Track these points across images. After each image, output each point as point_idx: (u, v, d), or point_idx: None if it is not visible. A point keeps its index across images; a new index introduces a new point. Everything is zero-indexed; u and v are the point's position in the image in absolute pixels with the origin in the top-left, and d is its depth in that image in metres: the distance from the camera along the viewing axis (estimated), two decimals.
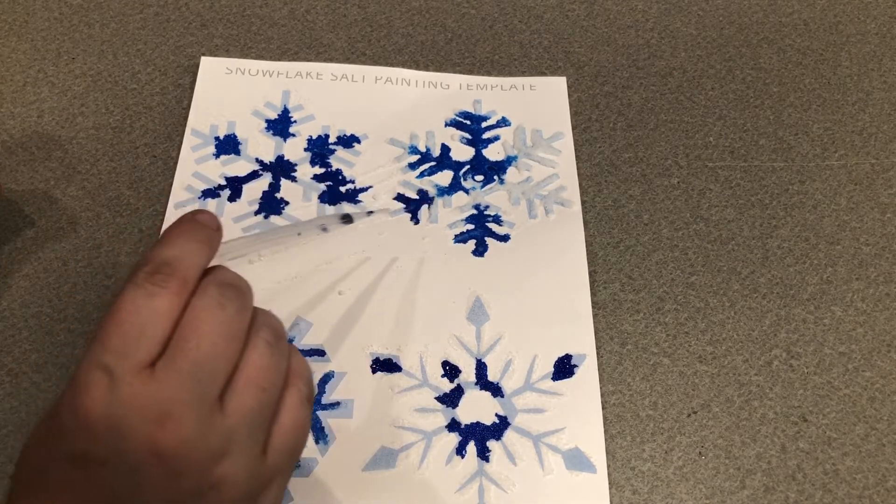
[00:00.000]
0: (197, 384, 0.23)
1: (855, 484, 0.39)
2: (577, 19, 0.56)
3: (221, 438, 0.24)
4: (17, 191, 0.46)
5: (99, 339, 0.23)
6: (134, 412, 0.23)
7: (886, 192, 0.49)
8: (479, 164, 0.48)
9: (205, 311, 0.24)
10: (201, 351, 0.24)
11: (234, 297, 0.25)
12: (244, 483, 0.25)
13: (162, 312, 0.24)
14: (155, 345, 0.23)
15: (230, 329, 0.25)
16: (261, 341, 0.26)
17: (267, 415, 0.26)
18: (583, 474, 0.38)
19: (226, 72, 0.51)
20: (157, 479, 0.23)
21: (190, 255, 0.25)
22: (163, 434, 0.23)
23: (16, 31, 0.53)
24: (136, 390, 0.23)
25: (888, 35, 0.57)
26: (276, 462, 0.26)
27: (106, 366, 0.23)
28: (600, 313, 0.43)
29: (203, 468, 0.24)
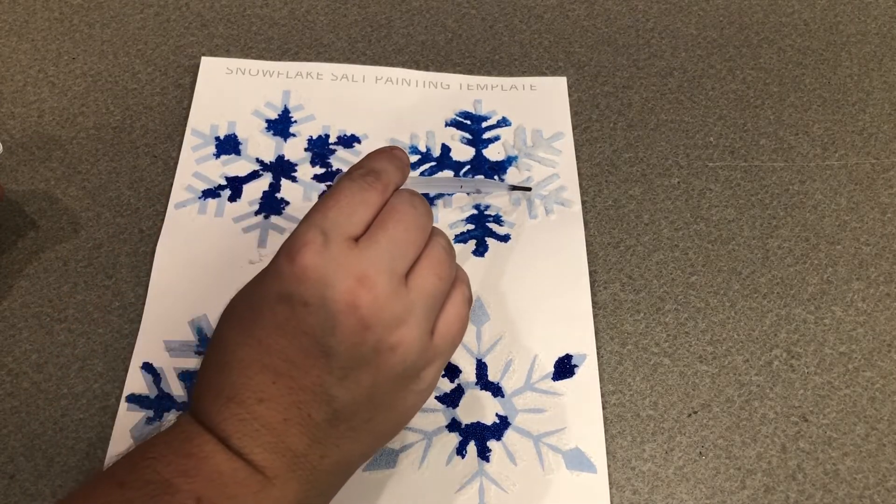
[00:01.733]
0: (390, 259, 0.29)
1: (855, 484, 0.39)
2: (577, 19, 0.56)
3: (403, 308, 0.29)
4: (17, 191, 0.46)
5: (320, 210, 0.29)
6: (340, 269, 0.28)
7: (886, 192, 0.49)
8: (479, 164, 0.48)
9: (401, 206, 0.30)
10: (396, 234, 0.29)
11: (422, 203, 0.31)
12: (414, 353, 0.29)
13: (369, 202, 0.30)
14: (361, 224, 0.29)
15: (419, 223, 0.30)
16: (439, 243, 0.31)
17: (439, 300, 0.31)
18: (583, 474, 0.38)
19: (226, 72, 0.51)
20: (348, 326, 0.28)
21: (392, 172, 0.31)
22: (359, 290, 0.28)
23: (16, 31, 0.53)
24: (343, 252, 0.28)
25: (888, 35, 0.57)
26: (439, 345, 0.31)
27: (323, 229, 0.28)
28: (600, 313, 0.43)
29: (386, 327, 0.28)
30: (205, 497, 0.27)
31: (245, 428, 0.28)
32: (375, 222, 0.29)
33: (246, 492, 0.28)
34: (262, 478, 0.28)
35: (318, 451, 0.29)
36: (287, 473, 0.29)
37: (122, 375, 0.40)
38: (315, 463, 0.29)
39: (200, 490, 0.27)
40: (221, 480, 0.28)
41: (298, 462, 0.29)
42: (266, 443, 0.28)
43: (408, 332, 0.29)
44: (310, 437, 0.29)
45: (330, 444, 0.29)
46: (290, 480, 0.29)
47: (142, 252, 0.44)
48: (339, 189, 0.30)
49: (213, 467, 0.28)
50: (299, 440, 0.29)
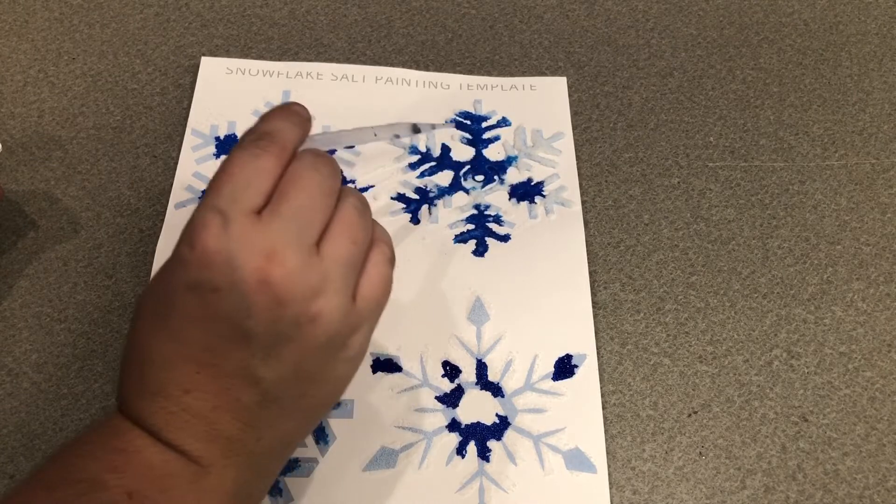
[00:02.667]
0: (297, 228, 0.27)
1: (855, 484, 0.39)
2: (577, 19, 0.56)
3: (318, 278, 0.27)
4: (17, 191, 0.46)
5: (213, 189, 0.27)
6: (244, 247, 0.26)
7: (886, 192, 0.49)
8: (479, 164, 0.48)
9: (302, 170, 0.28)
10: (300, 201, 0.28)
11: (327, 163, 0.29)
12: (337, 321, 0.28)
13: (265, 169, 0.28)
14: (260, 195, 0.27)
15: (324, 186, 0.29)
16: (350, 203, 0.30)
17: (357, 264, 0.29)
18: (583, 474, 0.38)
19: (226, 72, 0.51)
20: (263, 306, 0.27)
21: (288, 130, 0.29)
22: (269, 267, 0.26)
23: (16, 31, 0.53)
24: (245, 229, 0.26)
25: (888, 35, 0.57)
26: (363, 309, 0.30)
27: (219, 208, 0.27)
28: (600, 313, 0.43)
29: (303, 300, 0.27)
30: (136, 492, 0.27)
31: (175, 420, 0.28)
32: (277, 191, 0.28)
33: (179, 483, 0.28)
34: (196, 468, 0.28)
35: (252, 435, 0.29)
36: (223, 460, 0.28)
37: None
38: (251, 446, 0.29)
39: (132, 485, 0.27)
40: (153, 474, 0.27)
41: (233, 448, 0.28)
42: (198, 432, 0.28)
43: (326, 301, 0.28)
44: (242, 421, 0.28)
45: (264, 426, 0.29)
46: (227, 467, 0.28)
47: (142, 252, 0.44)
48: (231, 161, 0.28)
49: (144, 461, 0.27)
50: (232, 426, 0.28)
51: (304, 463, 0.37)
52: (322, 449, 0.38)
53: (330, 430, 0.38)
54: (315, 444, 0.38)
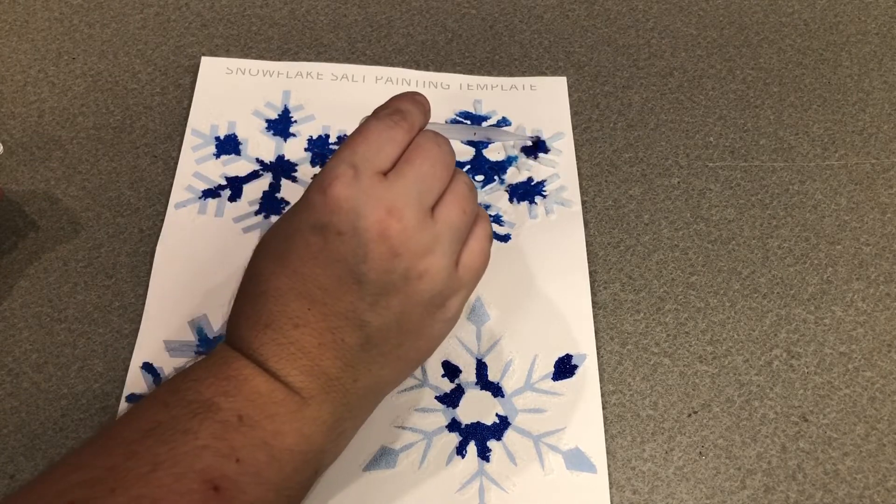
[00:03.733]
0: (417, 191, 0.30)
1: (855, 484, 0.39)
2: (577, 19, 0.56)
3: (430, 238, 0.30)
4: (17, 191, 0.46)
5: (349, 146, 0.31)
6: (370, 200, 0.29)
7: (886, 192, 0.49)
8: (479, 164, 0.48)
9: (426, 144, 0.32)
10: (422, 169, 0.31)
11: (446, 142, 0.33)
12: (441, 280, 0.31)
13: (396, 139, 0.31)
14: (389, 160, 0.31)
15: (444, 160, 0.32)
16: (462, 179, 0.33)
17: (463, 233, 0.32)
18: (583, 474, 0.38)
19: (226, 72, 0.51)
20: (379, 254, 0.29)
21: (416, 113, 0.33)
22: (389, 220, 0.29)
23: (16, 31, 0.53)
24: (373, 185, 0.30)
25: (888, 35, 0.57)
26: (464, 275, 0.33)
27: (353, 163, 0.30)
28: (600, 313, 0.43)
29: (414, 256, 0.30)
30: (245, 415, 0.29)
31: (282, 352, 0.30)
32: (402, 158, 0.31)
33: (284, 411, 0.30)
34: (298, 398, 0.30)
35: (350, 375, 0.31)
36: (321, 395, 0.31)
37: (122, 375, 0.40)
38: (348, 386, 0.31)
39: (241, 408, 0.29)
40: (261, 400, 0.29)
41: (332, 384, 0.31)
42: (302, 366, 0.30)
43: (434, 260, 0.30)
44: (343, 360, 0.31)
45: (362, 368, 0.31)
46: (325, 402, 0.31)
47: (142, 252, 0.44)
48: (368, 127, 0.31)
49: (253, 388, 0.30)
50: (333, 364, 0.30)
51: None
52: None
53: None
54: None
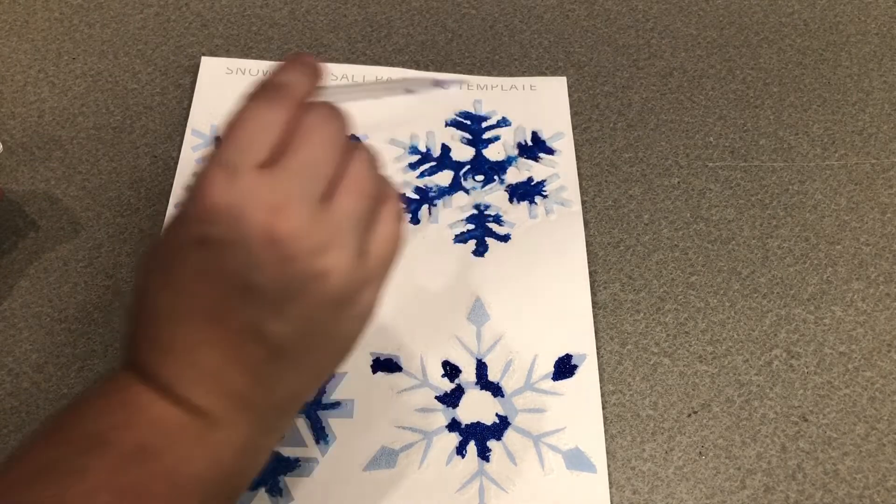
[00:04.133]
0: (306, 182, 0.27)
1: (855, 484, 0.39)
2: (577, 19, 0.56)
3: (326, 233, 0.27)
4: (17, 191, 0.46)
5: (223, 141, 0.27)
6: (251, 201, 0.26)
7: (886, 192, 0.49)
8: (479, 164, 0.48)
9: (313, 122, 0.27)
10: (310, 154, 0.27)
11: (337, 116, 0.28)
12: (344, 277, 0.28)
13: (276, 121, 0.27)
14: (270, 147, 0.27)
15: (335, 139, 0.28)
16: (361, 157, 0.29)
17: (366, 220, 0.29)
18: (583, 474, 0.38)
19: (226, 72, 0.51)
20: (270, 262, 0.26)
21: (299, 82, 0.29)
22: (276, 221, 0.26)
23: (16, 31, 0.53)
24: (253, 182, 0.26)
25: (888, 35, 0.57)
26: (372, 266, 0.29)
27: (227, 161, 0.26)
28: (600, 313, 0.43)
29: (310, 256, 0.27)
30: (147, 445, 0.27)
31: (183, 375, 0.27)
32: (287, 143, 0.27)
33: (190, 436, 0.27)
34: (206, 421, 0.28)
35: (261, 390, 0.28)
36: (232, 415, 0.28)
37: None
38: (260, 402, 0.29)
39: (142, 438, 0.27)
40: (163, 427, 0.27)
41: (242, 403, 0.28)
42: (207, 387, 0.28)
43: (335, 257, 0.27)
44: (251, 375, 0.28)
45: (273, 382, 0.29)
46: (237, 422, 0.28)
47: (142, 252, 0.44)
48: (240, 113, 0.27)
49: (154, 415, 0.27)
50: (241, 380, 0.28)
51: (304, 463, 0.37)
52: (322, 449, 0.38)
53: (330, 430, 0.38)
54: (315, 444, 0.38)
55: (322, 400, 0.39)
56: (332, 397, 0.39)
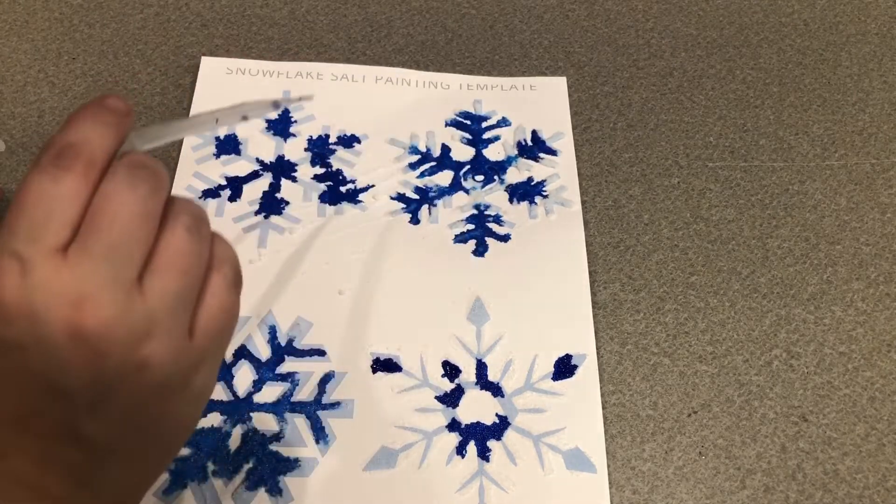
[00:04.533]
0: (112, 266, 0.23)
1: (855, 484, 0.39)
2: (577, 19, 0.56)
3: (143, 319, 0.24)
4: None
5: (6, 226, 0.23)
6: (49, 296, 0.22)
7: (886, 192, 0.49)
8: (479, 164, 0.48)
9: (115, 192, 0.23)
10: (113, 232, 0.23)
11: (146, 177, 0.24)
12: (170, 364, 0.25)
13: (69, 195, 0.23)
14: (64, 228, 0.23)
15: (143, 209, 0.24)
16: (179, 225, 0.25)
17: (190, 297, 0.25)
18: (583, 474, 0.38)
19: (226, 72, 0.51)
20: (80, 361, 0.23)
21: (96, 138, 0.24)
22: (81, 316, 0.23)
23: (16, 31, 0.53)
24: (49, 274, 0.22)
25: (888, 35, 0.57)
26: (202, 345, 0.26)
27: (15, 251, 0.22)
28: (600, 313, 0.43)
29: (127, 349, 0.23)
30: None
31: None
32: (85, 222, 0.23)
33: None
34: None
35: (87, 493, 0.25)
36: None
37: None
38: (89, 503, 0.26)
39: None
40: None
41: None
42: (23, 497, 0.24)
43: (155, 345, 0.24)
44: (73, 480, 0.25)
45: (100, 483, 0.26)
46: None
47: None
48: (26, 188, 0.23)
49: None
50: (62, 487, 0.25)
51: (304, 463, 0.37)
52: (322, 449, 0.38)
53: (330, 430, 0.38)
54: (315, 444, 0.38)
55: (322, 400, 0.39)
56: (332, 397, 0.39)
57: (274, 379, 0.40)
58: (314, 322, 0.42)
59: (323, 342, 0.41)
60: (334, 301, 0.42)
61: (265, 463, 0.37)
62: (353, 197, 0.47)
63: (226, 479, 0.37)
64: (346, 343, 0.41)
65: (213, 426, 0.38)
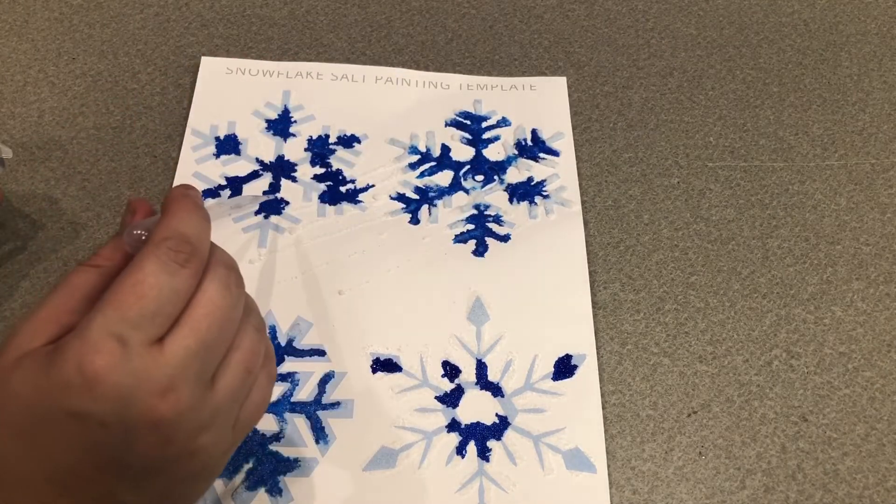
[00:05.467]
0: (200, 363, 0.25)
1: (855, 484, 0.39)
2: (577, 19, 0.56)
3: (209, 413, 0.25)
4: (17, 191, 0.46)
5: (115, 306, 0.24)
6: (142, 383, 0.24)
7: (886, 192, 0.49)
8: (479, 164, 0.48)
9: (216, 293, 0.25)
10: (210, 332, 0.25)
11: (237, 281, 0.27)
12: (216, 454, 0.27)
13: (181, 291, 0.25)
14: (168, 321, 0.25)
15: (233, 313, 0.26)
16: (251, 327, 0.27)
17: (245, 394, 0.27)
18: (583, 474, 0.38)
19: (226, 72, 0.51)
20: (148, 444, 0.25)
21: (203, 233, 0.26)
22: (163, 405, 0.24)
23: (16, 31, 0.53)
24: (146, 363, 0.24)
25: (888, 35, 0.57)
26: (239, 432, 0.28)
27: (121, 336, 0.24)
28: (600, 313, 0.43)
29: (189, 438, 0.25)
30: None
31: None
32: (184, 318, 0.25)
33: None
34: None
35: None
36: None
37: None
38: None
39: None
40: None
41: None
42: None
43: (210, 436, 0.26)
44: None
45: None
46: None
47: None
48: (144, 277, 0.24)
49: None
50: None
51: (304, 463, 0.37)
52: (322, 449, 0.38)
53: (330, 430, 0.38)
54: (315, 444, 0.38)
55: (322, 400, 0.39)
56: (332, 397, 0.39)
57: None
58: (314, 322, 0.42)
59: (323, 342, 0.41)
60: (334, 301, 0.42)
61: (265, 463, 0.37)
62: (353, 197, 0.47)
63: (226, 479, 0.37)
64: (346, 343, 0.41)
65: None
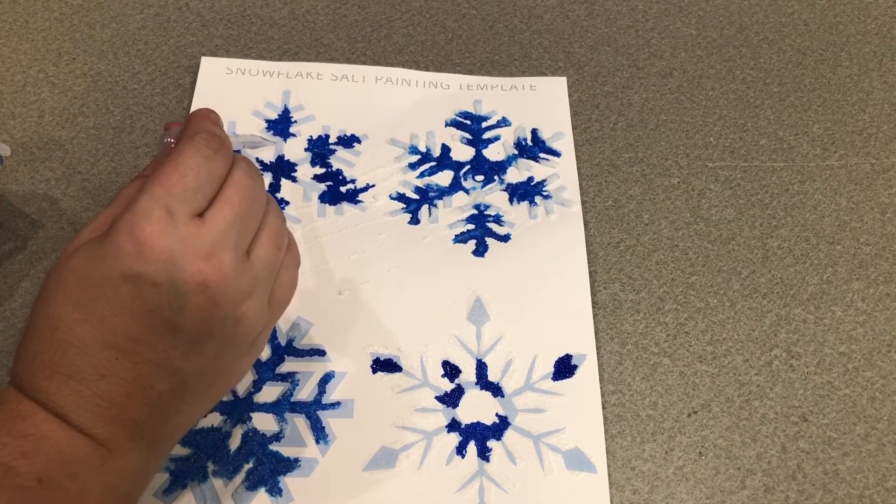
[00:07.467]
0: (237, 234, 0.29)
1: (855, 484, 0.39)
2: (577, 19, 0.56)
3: (249, 281, 0.29)
4: (17, 191, 0.46)
5: (162, 183, 0.28)
6: (188, 248, 0.27)
7: (886, 192, 0.49)
8: (479, 164, 0.48)
9: (243, 178, 0.30)
10: (242, 208, 0.29)
11: (257, 172, 0.31)
12: (256, 322, 0.30)
13: (216, 174, 0.29)
14: (206, 198, 0.29)
15: (259, 195, 0.30)
16: (274, 211, 0.32)
17: (277, 269, 0.31)
18: (583, 474, 0.38)
19: (226, 72, 0.51)
20: (197, 305, 0.28)
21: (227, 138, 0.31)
22: (209, 269, 0.28)
23: (16, 31, 0.53)
24: (190, 231, 0.27)
25: (888, 35, 0.57)
26: (275, 309, 0.32)
27: (168, 206, 0.27)
28: (600, 313, 0.43)
29: (234, 302, 0.29)
30: (46, 478, 0.27)
31: (86, 404, 0.28)
32: (219, 196, 0.29)
33: (88, 467, 0.28)
34: (104, 451, 0.28)
35: (159, 419, 0.29)
36: (129, 443, 0.29)
37: None
38: (156, 430, 0.30)
39: (41, 471, 0.27)
40: (63, 458, 0.27)
41: (139, 431, 0.29)
42: (107, 417, 0.28)
43: (252, 303, 0.29)
44: (152, 407, 0.29)
45: (171, 411, 0.30)
46: (132, 450, 0.29)
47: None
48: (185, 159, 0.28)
49: (54, 445, 0.27)
50: (141, 411, 0.29)
51: (304, 463, 0.37)
52: (322, 449, 0.38)
53: (330, 430, 0.38)
54: (315, 444, 0.38)
55: (322, 400, 0.39)
56: (332, 397, 0.39)
57: (274, 379, 0.40)
58: (314, 322, 0.42)
59: (323, 342, 0.41)
60: (334, 301, 0.42)
61: (265, 463, 0.37)
62: (353, 197, 0.47)
63: (226, 479, 0.37)
64: (346, 343, 0.41)
65: (214, 426, 0.38)
